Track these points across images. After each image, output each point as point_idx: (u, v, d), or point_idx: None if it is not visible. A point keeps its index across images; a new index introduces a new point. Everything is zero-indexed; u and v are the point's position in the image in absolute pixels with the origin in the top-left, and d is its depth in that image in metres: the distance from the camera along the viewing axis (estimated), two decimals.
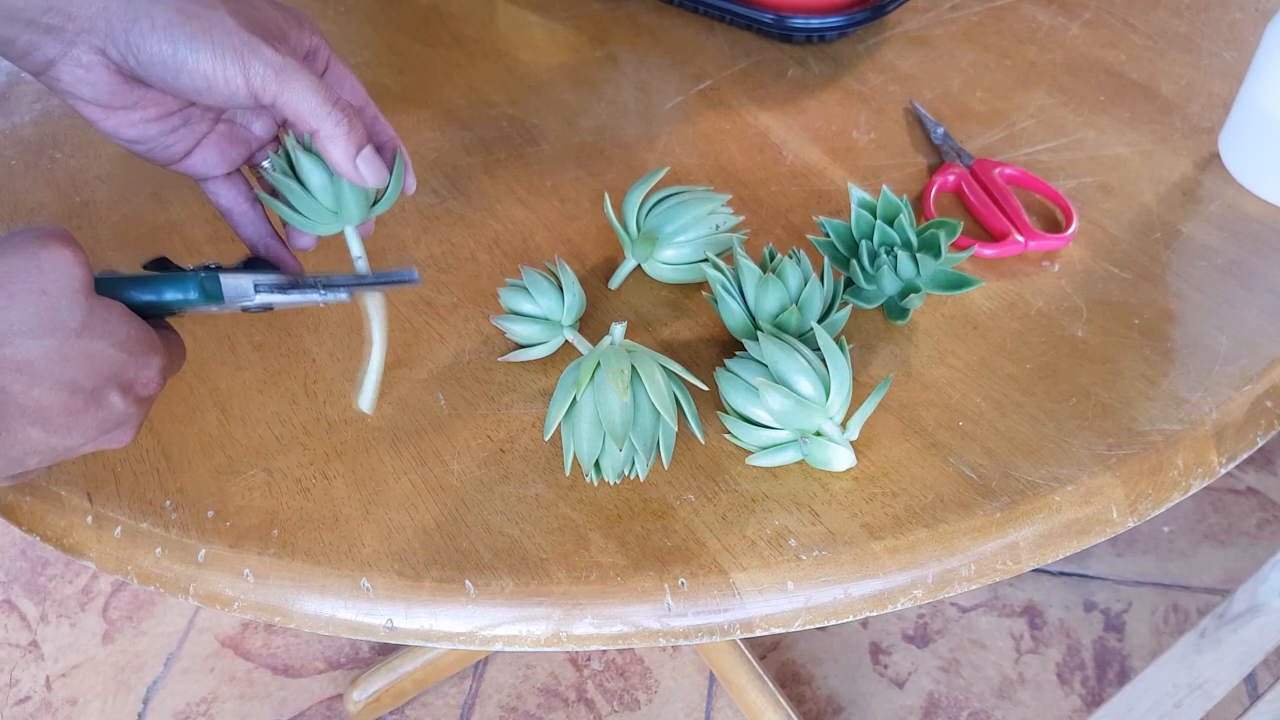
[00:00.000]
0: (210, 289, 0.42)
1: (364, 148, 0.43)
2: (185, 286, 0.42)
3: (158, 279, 0.42)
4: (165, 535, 0.46)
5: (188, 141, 0.45)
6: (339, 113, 0.42)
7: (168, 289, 0.42)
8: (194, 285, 0.42)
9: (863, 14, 0.71)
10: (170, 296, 0.42)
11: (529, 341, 0.51)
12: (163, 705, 1.17)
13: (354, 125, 0.42)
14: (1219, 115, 0.64)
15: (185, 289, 0.42)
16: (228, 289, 0.43)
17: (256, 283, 0.44)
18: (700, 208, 0.53)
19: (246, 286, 0.43)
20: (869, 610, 0.43)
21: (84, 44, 0.40)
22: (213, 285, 0.42)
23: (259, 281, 0.44)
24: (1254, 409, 0.48)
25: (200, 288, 0.42)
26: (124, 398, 0.39)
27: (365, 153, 0.43)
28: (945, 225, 0.52)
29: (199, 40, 0.40)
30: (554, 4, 0.80)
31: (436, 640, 0.43)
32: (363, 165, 0.43)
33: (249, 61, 0.40)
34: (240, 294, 0.43)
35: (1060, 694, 1.12)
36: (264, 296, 0.44)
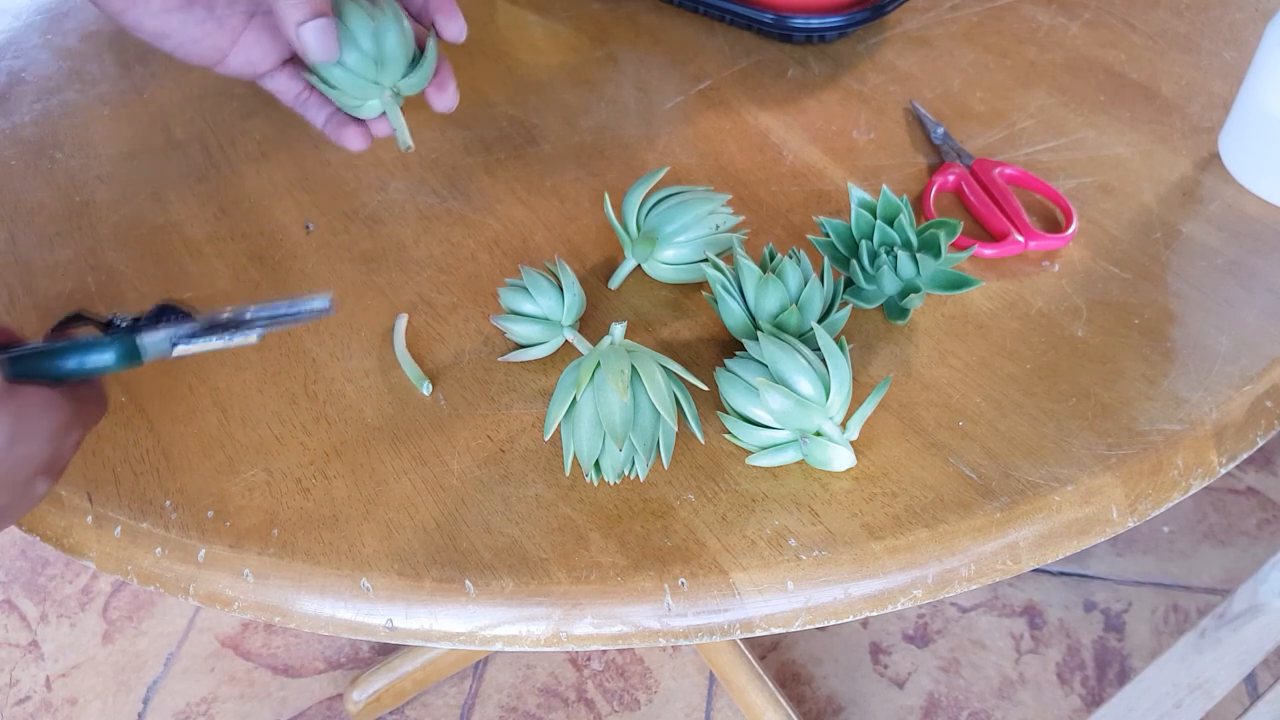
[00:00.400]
0: (128, 350, 0.42)
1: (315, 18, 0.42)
2: (102, 353, 0.42)
3: (73, 348, 0.42)
4: (165, 535, 0.46)
5: (221, 38, 0.45)
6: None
7: (86, 357, 0.42)
8: (112, 350, 0.42)
9: (863, 14, 0.71)
10: (89, 364, 0.42)
11: (529, 341, 0.51)
12: (163, 705, 1.17)
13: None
14: (1219, 115, 0.64)
15: (102, 355, 0.42)
16: (145, 348, 0.43)
17: (172, 337, 0.43)
18: (700, 208, 0.53)
19: (163, 344, 0.43)
20: (869, 610, 0.43)
21: None
22: (130, 347, 0.42)
23: (175, 335, 0.43)
24: (1254, 409, 0.48)
25: (118, 351, 0.42)
26: (49, 479, 0.41)
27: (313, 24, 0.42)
28: (945, 225, 0.52)
29: None
30: (554, 4, 0.80)
31: (436, 640, 0.43)
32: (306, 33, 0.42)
33: None
34: (157, 350, 0.43)
35: (1060, 694, 1.12)
36: (182, 348, 0.43)
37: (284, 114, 0.70)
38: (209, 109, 0.71)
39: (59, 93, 0.73)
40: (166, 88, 0.73)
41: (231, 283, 0.58)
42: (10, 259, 0.60)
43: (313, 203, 0.63)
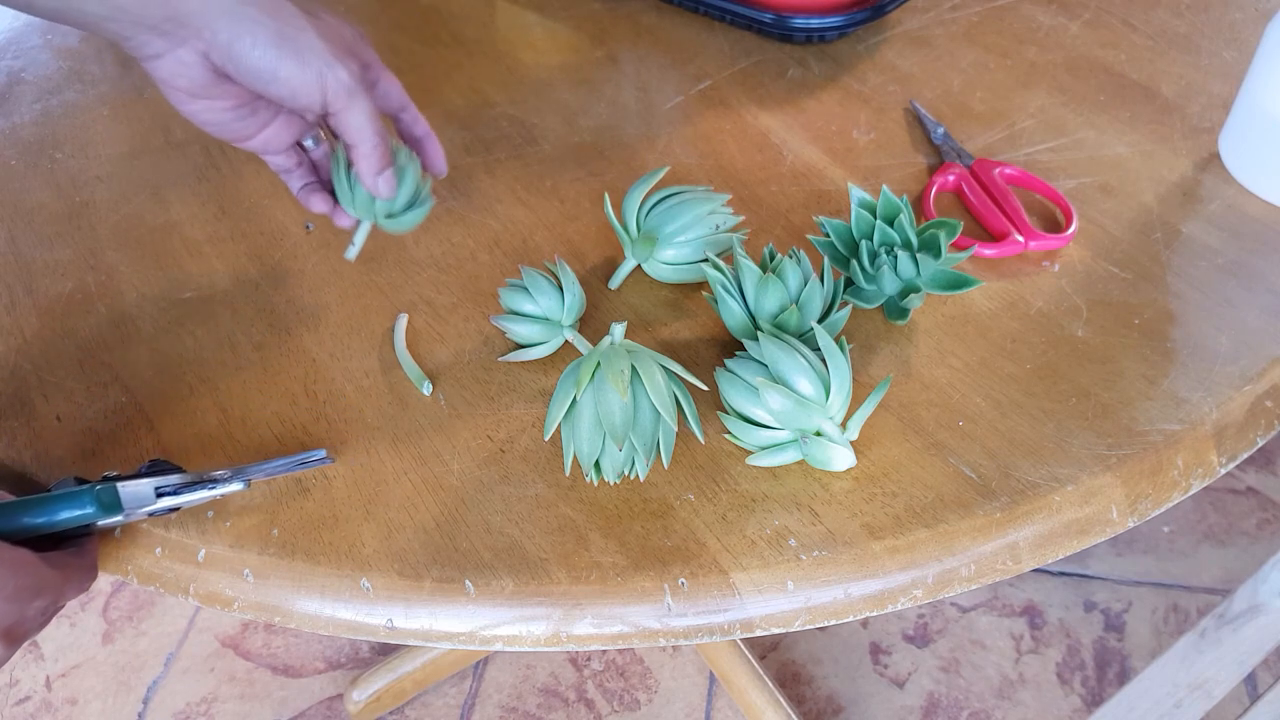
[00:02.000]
0: (107, 500, 0.41)
1: (386, 169, 0.51)
2: (80, 503, 0.41)
3: (49, 500, 0.41)
4: (165, 535, 0.46)
5: (253, 127, 0.52)
6: (376, 138, 0.50)
7: (60, 508, 0.40)
8: (89, 500, 0.41)
9: (863, 14, 0.71)
10: (64, 515, 0.40)
11: (529, 341, 0.51)
12: (163, 705, 1.17)
13: (383, 151, 0.50)
14: (1219, 115, 0.64)
15: (80, 505, 0.41)
16: (127, 498, 0.42)
17: (159, 487, 0.42)
18: (700, 208, 0.53)
19: (147, 492, 0.42)
20: (869, 610, 0.43)
21: (190, 46, 0.46)
22: (109, 497, 0.41)
23: (161, 485, 0.43)
24: (1254, 409, 0.48)
25: (96, 501, 0.41)
26: (4, 644, 0.39)
27: (387, 173, 0.51)
28: (945, 225, 0.52)
29: (290, 59, 0.46)
30: (554, 4, 0.80)
31: (436, 640, 0.43)
32: (382, 182, 0.51)
33: (327, 80, 0.47)
34: (140, 501, 0.42)
35: (1060, 694, 1.12)
36: (168, 500, 0.43)
37: None
38: None
39: (59, 93, 0.73)
40: None
41: (231, 283, 0.58)
42: (10, 259, 0.60)
43: None
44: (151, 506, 0.42)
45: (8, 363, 0.54)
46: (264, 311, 0.56)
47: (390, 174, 0.52)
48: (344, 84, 0.48)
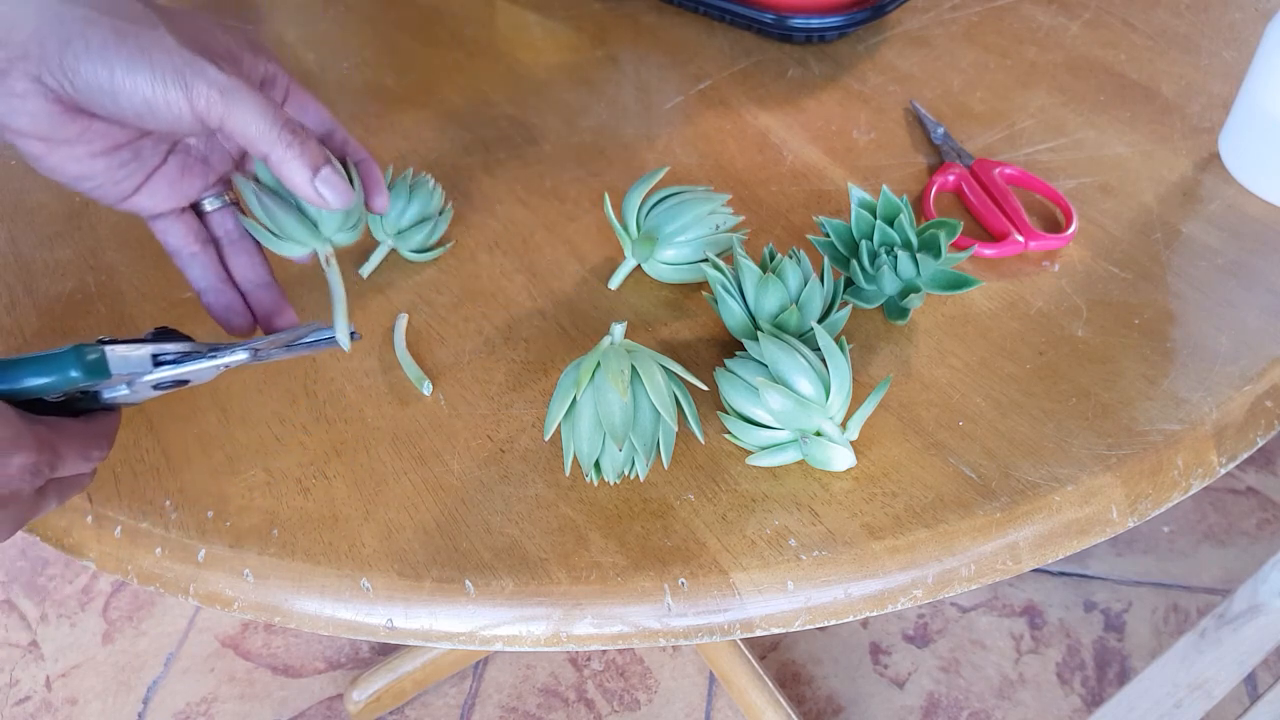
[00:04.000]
0: (94, 365, 0.36)
1: (322, 168, 0.40)
2: (61, 364, 0.36)
3: (24, 361, 0.36)
4: (165, 535, 0.46)
5: (138, 177, 0.42)
6: (288, 134, 0.39)
7: (36, 372, 0.36)
8: (72, 362, 0.36)
9: (863, 14, 0.71)
10: (40, 380, 0.36)
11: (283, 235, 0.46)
12: (163, 705, 1.17)
13: (306, 145, 0.40)
14: (1219, 115, 0.64)
15: (61, 367, 0.36)
16: (116, 363, 0.37)
17: (156, 354, 0.38)
18: (700, 208, 0.53)
19: (142, 359, 0.38)
20: (869, 610, 0.43)
21: (18, 72, 0.36)
22: (96, 360, 0.37)
23: (159, 352, 0.38)
24: (1254, 409, 0.48)
25: (80, 364, 0.36)
26: None
27: (324, 173, 0.40)
28: (945, 225, 0.52)
29: (136, 61, 0.37)
30: (554, 4, 0.80)
31: (436, 640, 0.43)
32: (322, 186, 0.41)
33: (191, 82, 0.37)
34: (133, 366, 0.37)
35: (1060, 694, 1.12)
36: (167, 370, 0.38)
37: None
38: None
39: None
40: None
41: None
42: (10, 259, 0.60)
43: None
44: (150, 376, 0.38)
45: None
46: None
47: (333, 171, 0.41)
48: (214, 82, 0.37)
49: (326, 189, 0.41)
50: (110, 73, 0.37)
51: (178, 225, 0.45)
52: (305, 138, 0.40)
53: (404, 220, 0.56)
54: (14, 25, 0.36)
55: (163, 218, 0.45)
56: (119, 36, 0.37)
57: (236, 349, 0.40)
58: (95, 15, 0.36)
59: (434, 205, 0.57)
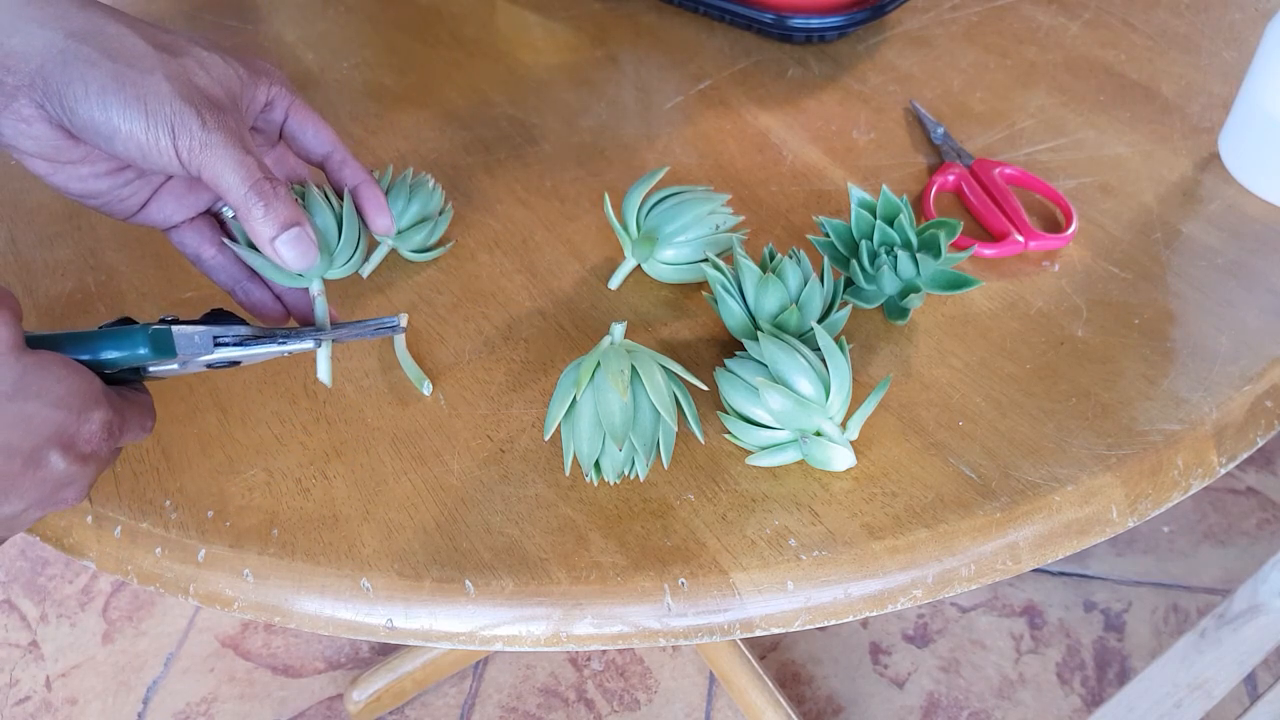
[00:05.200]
0: (161, 343, 0.39)
1: (288, 229, 0.41)
2: (133, 341, 0.38)
3: (100, 334, 0.39)
4: (165, 535, 0.46)
5: (144, 193, 0.44)
6: (255, 195, 0.40)
7: (111, 345, 0.38)
8: (142, 340, 0.39)
9: (863, 14, 0.71)
10: (113, 354, 0.38)
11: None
12: (163, 705, 1.17)
13: (272, 205, 0.41)
14: (1219, 115, 0.64)
15: (132, 344, 0.38)
16: (181, 343, 0.39)
17: (217, 336, 0.40)
18: (700, 208, 0.53)
19: (204, 340, 0.40)
20: (869, 610, 0.43)
21: (24, 98, 0.38)
22: (163, 339, 0.39)
23: (220, 334, 0.40)
24: (1254, 409, 0.48)
25: (150, 342, 0.39)
26: (65, 457, 0.36)
27: (286, 235, 0.41)
28: (945, 225, 0.52)
29: (132, 108, 0.38)
30: (554, 4, 0.80)
31: (436, 640, 0.43)
32: (281, 247, 0.41)
33: (179, 131, 0.38)
34: (197, 348, 0.40)
35: (1060, 694, 1.12)
36: (226, 351, 0.40)
37: None
38: None
39: None
40: None
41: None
42: (10, 259, 0.60)
43: None
44: (209, 356, 0.40)
45: None
46: None
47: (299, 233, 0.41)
48: (195, 135, 0.38)
49: (286, 249, 0.41)
50: (107, 117, 0.38)
51: (192, 233, 0.46)
52: (274, 198, 0.41)
53: (404, 220, 0.56)
54: (23, 58, 0.38)
55: (177, 229, 0.46)
56: (118, 83, 0.38)
57: (303, 337, 0.42)
58: (98, 57, 0.38)
59: (434, 205, 0.57)
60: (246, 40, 0.78)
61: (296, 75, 0.73)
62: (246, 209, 0.40)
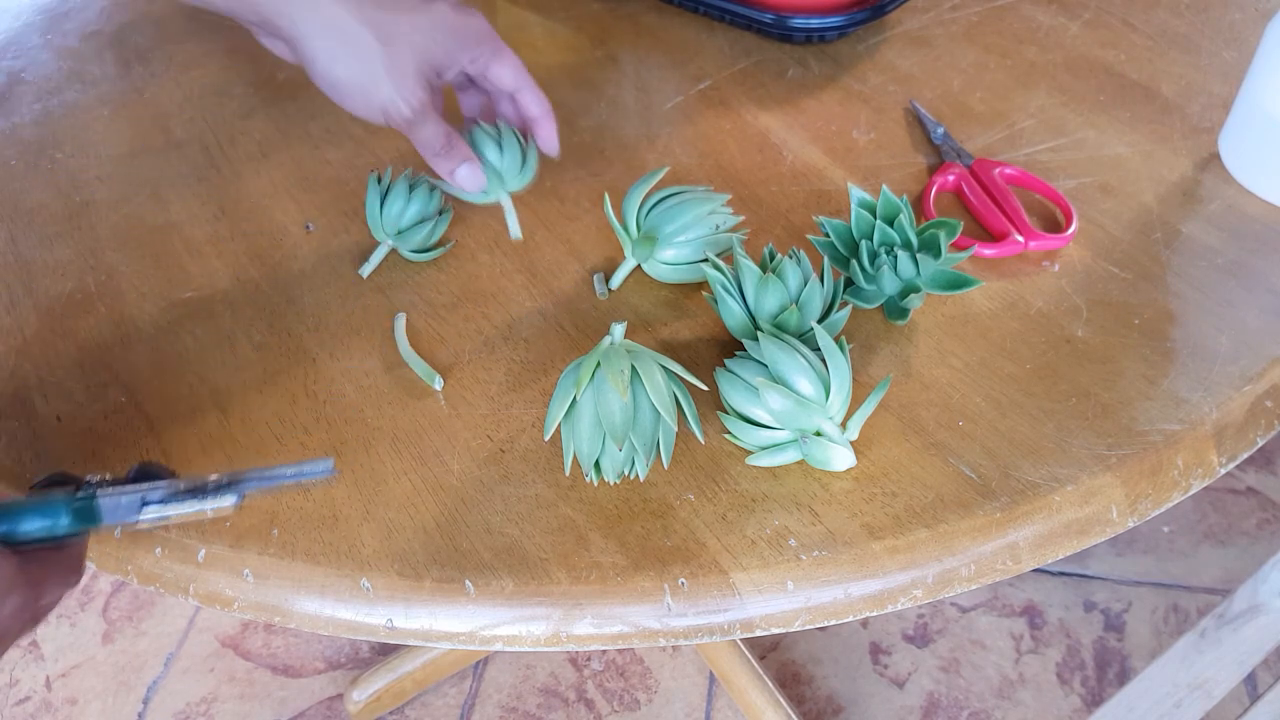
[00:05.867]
0: (85, 513, 0.38)
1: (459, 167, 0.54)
2: (54, 512, 0.37)
3: (18, 507, 0.37)
4: (165, 535, 0.46)
5: None
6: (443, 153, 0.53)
7: (31, 517, 0.37)
8: (64, 511, 0.37)
9: (863, 14, 0.71)
10: (32, 526, 0.37)
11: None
12: (163, 705, 1.17)
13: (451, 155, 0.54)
14: (1219, 115, 0.64)
15: (54, 515, 0.37)
16: (107, 511, 0.38)
17: (146, 498, 0.39)
18: (700, 208, 0.53)
19: (131, 503, 0.38)
20: (869, 610, 0.43)
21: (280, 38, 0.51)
22: (88, 509, 0.38)
23: (149, 495, 0.39)
24: (1254, 409, 0.48)
25: (72, 514, 0.37)
26: None
27: (460, 170, 0.54)
28: (945, 225, 0.52)
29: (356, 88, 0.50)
30: (554, 4, 0.80)
31: (436, 640, 0.43)
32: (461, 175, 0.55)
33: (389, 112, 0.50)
34: (123, 513, 0.38)
35: (1060, 694, 1.12)
36: (153, 511, 0.39)
37: (284, 114, 0.70)
38: (209, 109, 0.71)
39: (59, 93, 0.73)
40: (166, 88, 0.73)
41: (231, 283, 0.58)
42: (10, 259, 0.60)
43: (313, 203, 0.63)
44: (135, 518, 0.39)
45: (8, 363, 0.54)
46: (264, 311, 0.56)
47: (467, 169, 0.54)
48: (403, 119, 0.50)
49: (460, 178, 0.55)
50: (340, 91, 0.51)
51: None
52: (451, 151, 0.54)
53: (404, 220, 0.56)
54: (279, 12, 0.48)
55: None
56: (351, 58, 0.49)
57: (223, 493, 0.40)
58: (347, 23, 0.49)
59: (434, 205, 0.57)
60: (247, 40, 0.78)
61: (296, 75, 0.73)
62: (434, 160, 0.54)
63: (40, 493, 0.39)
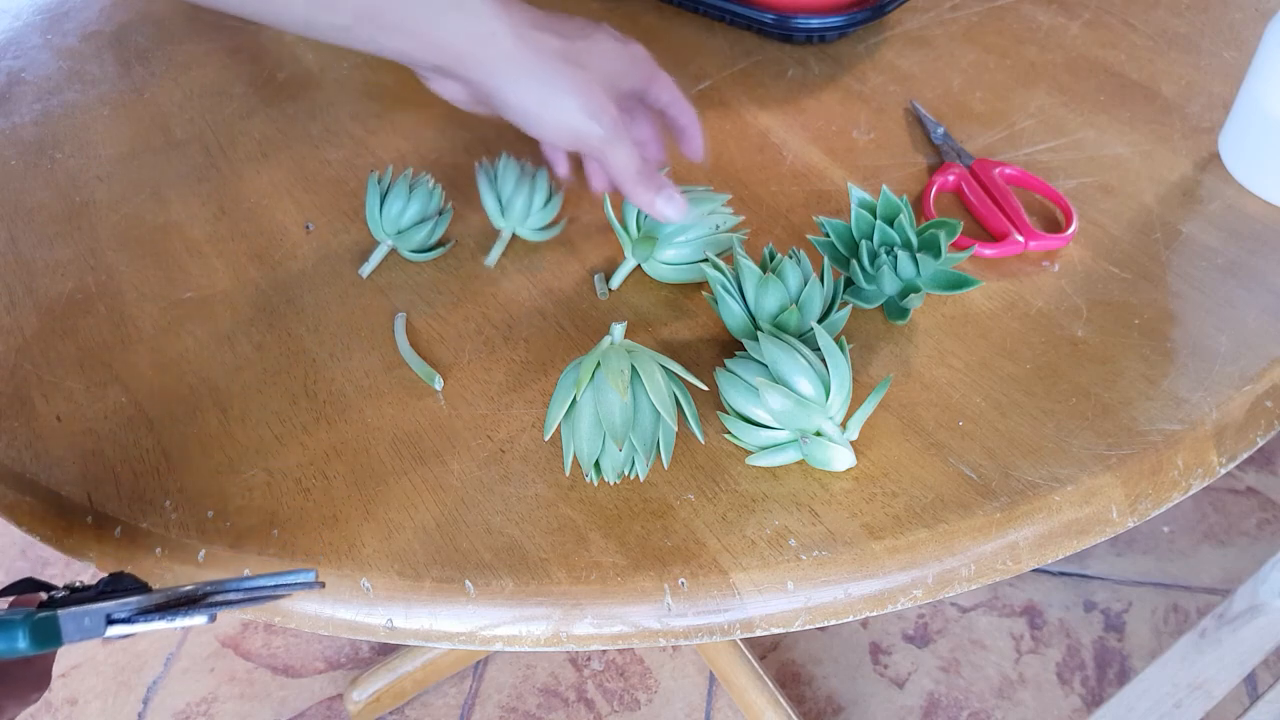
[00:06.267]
0: (45, 632, 0.35)
1: (661, 191, 0.51)
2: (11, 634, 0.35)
3: None
4: (165, 535, 0.46)
5: None
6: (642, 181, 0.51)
7: None
8: (23, 632, 0.35)
9: (863, 14, 0.71)
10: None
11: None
12: (163, 705, 1.17)
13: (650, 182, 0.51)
14: (1219, 115, 0.64)
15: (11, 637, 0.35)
16: (69, 628, 0.36)
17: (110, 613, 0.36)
18: (700, 208, 0.53)
19: (95, 621, 0.36)
20: (869, 610, 0.43)
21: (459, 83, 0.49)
22: (48, 628, 0.35)
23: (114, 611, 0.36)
24: (1254, 409, 0.48)
25: (31, 634, 0.35)
26: None
27: (662, 196, 0.51)
28: (945, 225, 0.52)
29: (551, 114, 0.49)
30: (554, 4, 0.80)
31: (436, 640, 0.43)
32: (661, 204, 0.52)
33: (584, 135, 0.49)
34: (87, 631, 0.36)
35: (1060, 694, 1.12)
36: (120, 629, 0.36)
37: (284, 114, 0.70)
38: (209, 109, 0.71)
39: (59, 93, 0.73)
40: (166, 88, 0.73)
41: (231, 282, 0.58)
42: (10, 259, 0.60)
43: (313, 203, 0.63)
44: (100, 635, 0.36)
45: (8, 363, 0.54)
46: (264, 311, 0.56)
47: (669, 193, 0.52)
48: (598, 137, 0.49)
49: (665, 207, 0.52)
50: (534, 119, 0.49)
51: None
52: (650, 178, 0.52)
53: (404, 220, 0.56)
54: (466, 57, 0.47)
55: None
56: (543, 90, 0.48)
57: (195, 612, 0.37)
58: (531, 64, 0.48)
59: (434, 205, 0.57)
60: (247, 40, 0.78)
61: (296, 75, 0.73)
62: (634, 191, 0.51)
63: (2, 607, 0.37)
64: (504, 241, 0.58)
